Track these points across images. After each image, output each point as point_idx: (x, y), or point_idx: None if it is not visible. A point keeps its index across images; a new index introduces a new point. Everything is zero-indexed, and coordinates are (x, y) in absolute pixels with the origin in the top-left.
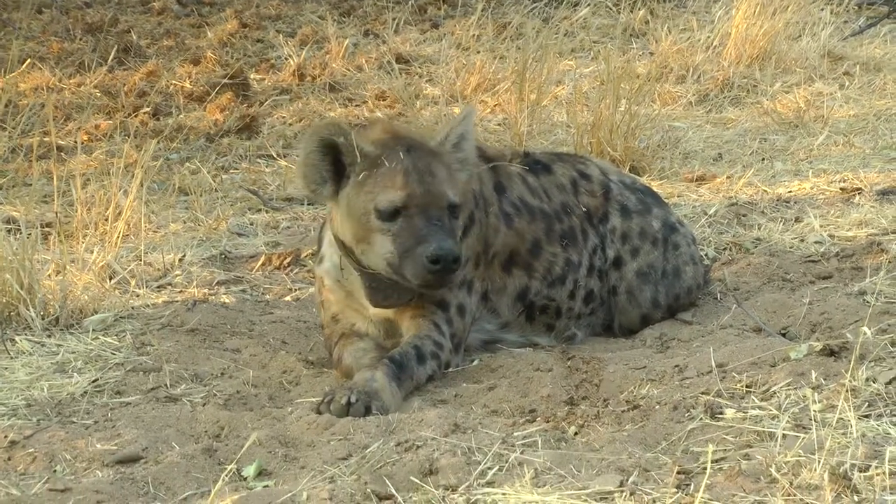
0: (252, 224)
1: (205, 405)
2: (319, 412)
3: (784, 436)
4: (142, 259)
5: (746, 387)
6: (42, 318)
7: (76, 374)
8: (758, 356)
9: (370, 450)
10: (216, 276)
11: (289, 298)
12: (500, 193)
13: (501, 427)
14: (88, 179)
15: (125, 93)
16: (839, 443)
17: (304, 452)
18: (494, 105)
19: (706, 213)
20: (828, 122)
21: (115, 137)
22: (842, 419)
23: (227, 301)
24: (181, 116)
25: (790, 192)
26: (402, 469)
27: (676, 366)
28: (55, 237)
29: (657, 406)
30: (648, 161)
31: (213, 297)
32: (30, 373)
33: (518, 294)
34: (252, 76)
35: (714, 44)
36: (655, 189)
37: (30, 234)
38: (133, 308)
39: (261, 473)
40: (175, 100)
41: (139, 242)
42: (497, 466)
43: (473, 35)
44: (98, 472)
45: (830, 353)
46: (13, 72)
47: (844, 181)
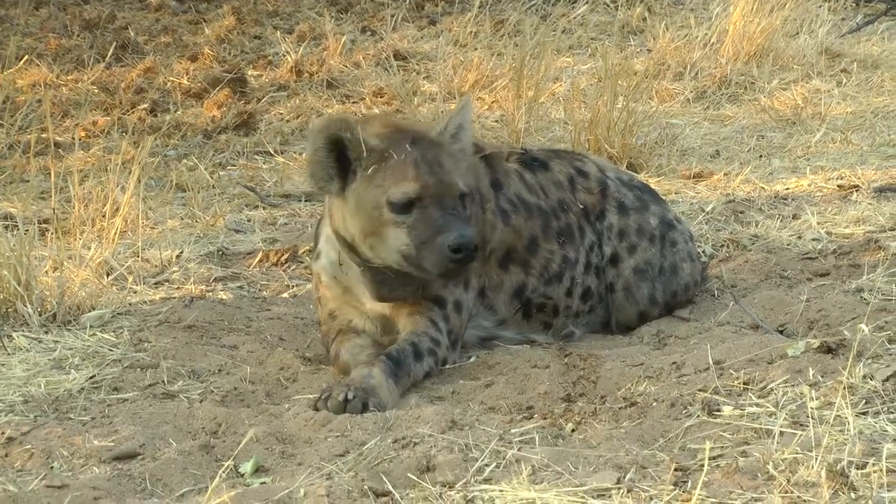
0: (249, 220)
1: (202, 402)
2: (317, 409)
3: (781, 433)
4: (139, 255)
5: (744, 384)
6: (39, 315)
7: (73, 371)
8: (755, 353)
9: (367, 446)
10: (213, 273)
11: (286, 295)
12: (497, 190)
13: (498, 424)
14: (86, 176)
15: (123, 89)
16: (836, 440)
17: (302, 449)
18: (492, 102)
19: (703, 210)
20: (825, 120)
21: (113, 134)
22: (839, 416)
23: (225, 298)
24: (178, 113)
25: (787, 189)
26: (400, 466)
27: (674, 363)
28: (52, 233)
29: (654, 403)
30: (646, 158)
31: (211, 294)
32: (27, 369)
33: (515, 291)
34: (249, 73)
35: (712, 41)
36: (653, 186)
37: (27, 231)
38: (130, 304)
39: (258, 470)
40: (172, 96)
41: (136, 239)
42: (494, 463)
43: (471, 32)
44: (95, 469)
45: (828, 351)
46: (10, 68)
47: (842, 178)
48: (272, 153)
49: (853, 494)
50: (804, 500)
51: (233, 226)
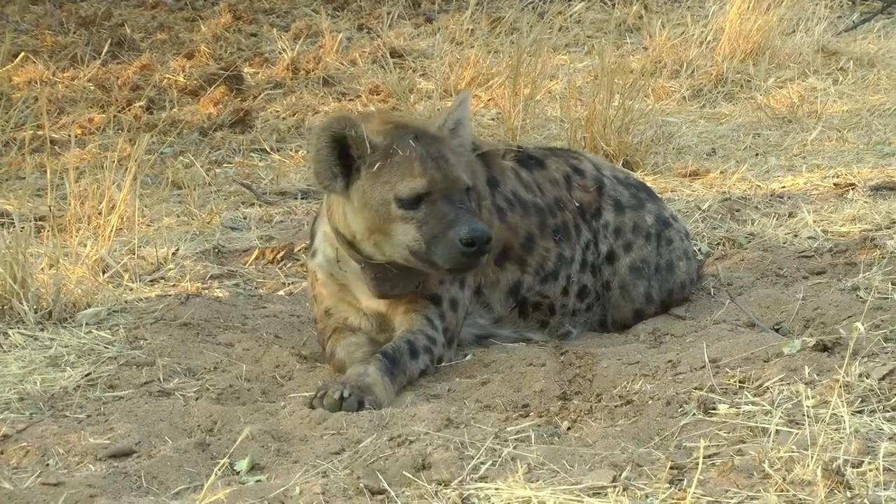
0: (245, 218)
1: (198, 399)
2: (312, 407)
3: (777, 431)
4: (135, 253)
5: (739, 382)
6: (35, 312)
7: (69, 368)
8: (751, 352)
9: (363, 444)
10: (209, 271)
11: (282, 293)
12: (493, 188)
13: (494, 422)
14: (82, 173)
15: (119, 86)
16: (832, 438)
17: (297, 447)
18: (488, 100)
19: (699, 209)
20: (821, 118)
21: (109, 131)
22: (835, 415)
23: (221, 295)
24: (175, 110)
25: (783, 188)
26: (395, 464)
27: (669, 361)
28: (48, 231)
29: (650, 401)
30: (642, 156)
31: (207, 292)
32: (23, 366)
33: (510, 289)
34: (246, 70)
35: (708, 39)
36: (649, 184)
37: (23, 228)
38: (126, 302)
39: (253, 468)
40: (169, 93)
41: (132, 236)
42: (490, 461)
43: (467, 29)
44: (91, 466)
45: (824, 349)
46: (6, 65)
47: (838, 176)
48: (268, 151)
49: (849, 493)
50: (800, 499)
51: (229, 223)
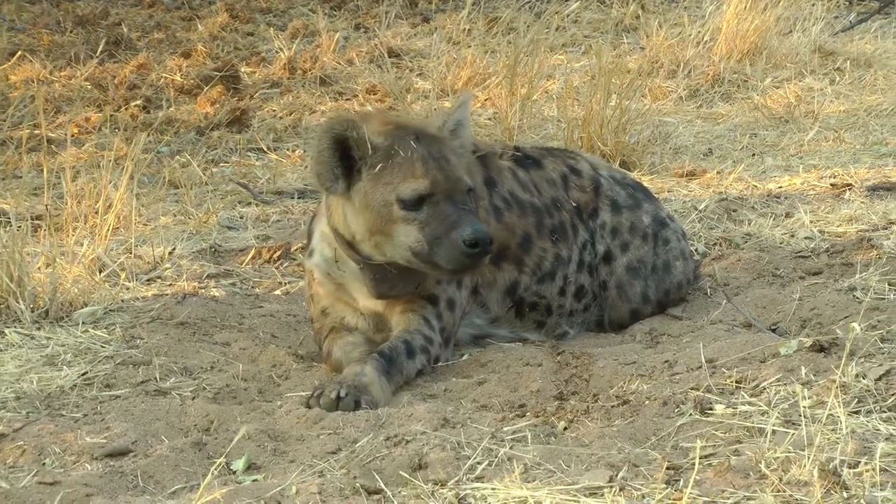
0: (242, 217)
1: (194, 399)
2: (309, 406)
3: (773, 432)
4: (132, 252)
5: (736, 382)
6: (31, 311)
7: (66, 367)
8: (747, 352)
9: (359, 444)
10: (206, 270)
11: (279, 292)
12: (491, 188)
13: (491, 422)
14: (78, 172)
15: (115, 86)
16: (829, 439)
17: (294, 446)
18: (485, 99)
19: (696, 209)
20: (818, 118)
21: (106, 130)
22: (831, 415)
23: (217, 294)
24: (171, 109)
25: (780, 188)
26: (392, 463)
27: (666, 361)
28: (45, 230)
29: (647, 401)
30: (639, 156)
31: (203, 291)
32: (19, 365)
33: (507, 289)
34: (243, 69)
35: (705, 39)
36: (646, 184)
37: (20, 227)
38: (123, 301)
39: (250, 467)
40: (165, 93)
41: (129, 235)
42: (486, 461)
43: (464, 29)
44: (87, 466)
45: (820, 349)
46: (3, 64)
47: (835, 177)
48: (265, 150)
49: (845, 493)
50: (796, 499)
51: (225, 223)
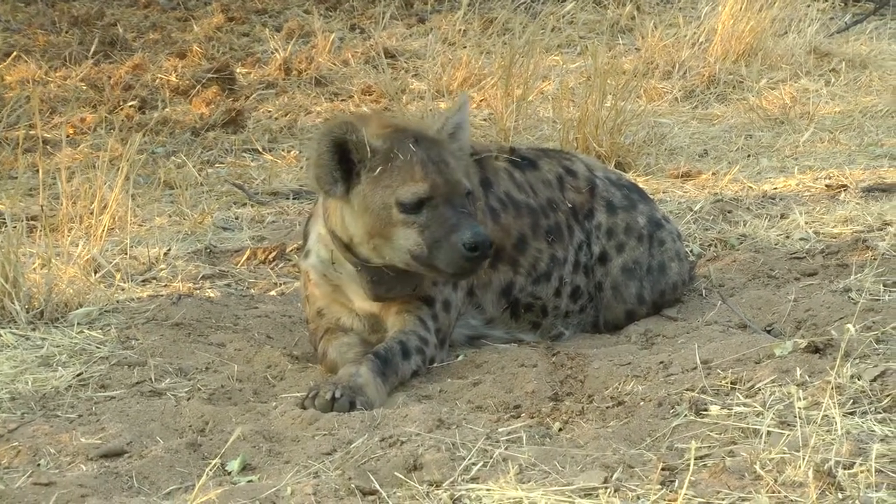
0: (237, 218)
1: (189, 399)
2: (304, 407)
3: (769, 433)
4: (127, 253)
5: (731, 383)
6: (27, 312)
7: (61, 368)
8: (743, 353)
9: (354, 445)
10: (201, 271)
11: (274, 293)
12: (487, 188)
13: (486, 423)
14: (74, 173)
15: (111, 86)
16: (824, 440)
17: (289, 447)
18: (480, 100)
19: (691, 210)
20: (813, 119)
21: (101, 131)
22: (826, 416)
23: (212, 295)
24: (167, 110)
25: (776, 189)
26: (387, 464)
27: (661, 362)
28: (40, 230)
29: (642, 402)
30: (634, 157)
31: (198, 292)
32: (14, 366)
33: (503, 290)
34: (238, 70)
35: (700, 40)
36: (641, 185)
37: (15, 227)
38: (118, 302)
39: (245, 468)
40: (161, 93)
41: (124, 236)
42: (481, 462)
43: (460, 30)
44: (82, 466)
45: (815, 351)
46: None
47: (830, 178)
48: (260, 151)
49: (840, 494)
50: (791, 500)
51: (220, 223)
